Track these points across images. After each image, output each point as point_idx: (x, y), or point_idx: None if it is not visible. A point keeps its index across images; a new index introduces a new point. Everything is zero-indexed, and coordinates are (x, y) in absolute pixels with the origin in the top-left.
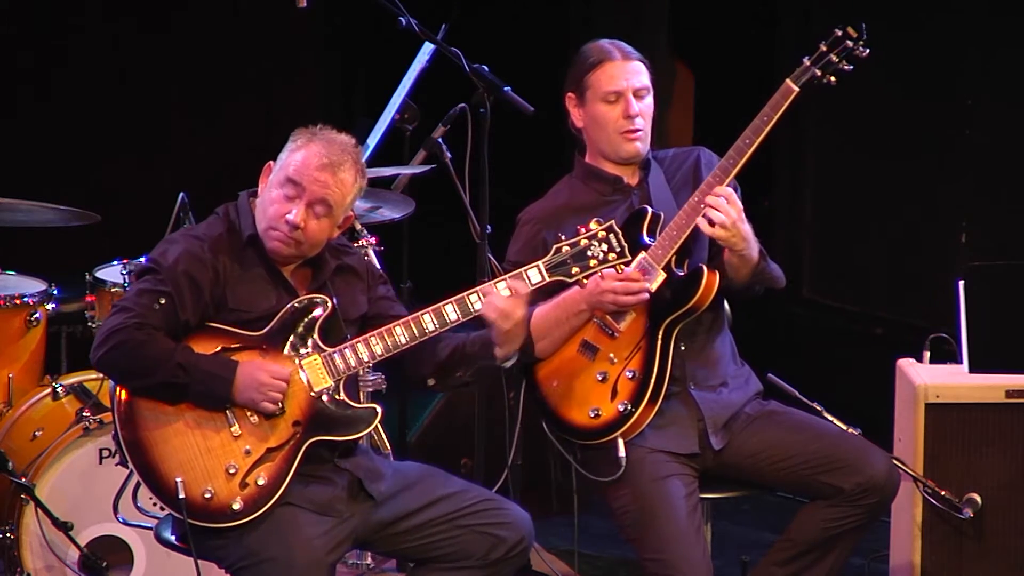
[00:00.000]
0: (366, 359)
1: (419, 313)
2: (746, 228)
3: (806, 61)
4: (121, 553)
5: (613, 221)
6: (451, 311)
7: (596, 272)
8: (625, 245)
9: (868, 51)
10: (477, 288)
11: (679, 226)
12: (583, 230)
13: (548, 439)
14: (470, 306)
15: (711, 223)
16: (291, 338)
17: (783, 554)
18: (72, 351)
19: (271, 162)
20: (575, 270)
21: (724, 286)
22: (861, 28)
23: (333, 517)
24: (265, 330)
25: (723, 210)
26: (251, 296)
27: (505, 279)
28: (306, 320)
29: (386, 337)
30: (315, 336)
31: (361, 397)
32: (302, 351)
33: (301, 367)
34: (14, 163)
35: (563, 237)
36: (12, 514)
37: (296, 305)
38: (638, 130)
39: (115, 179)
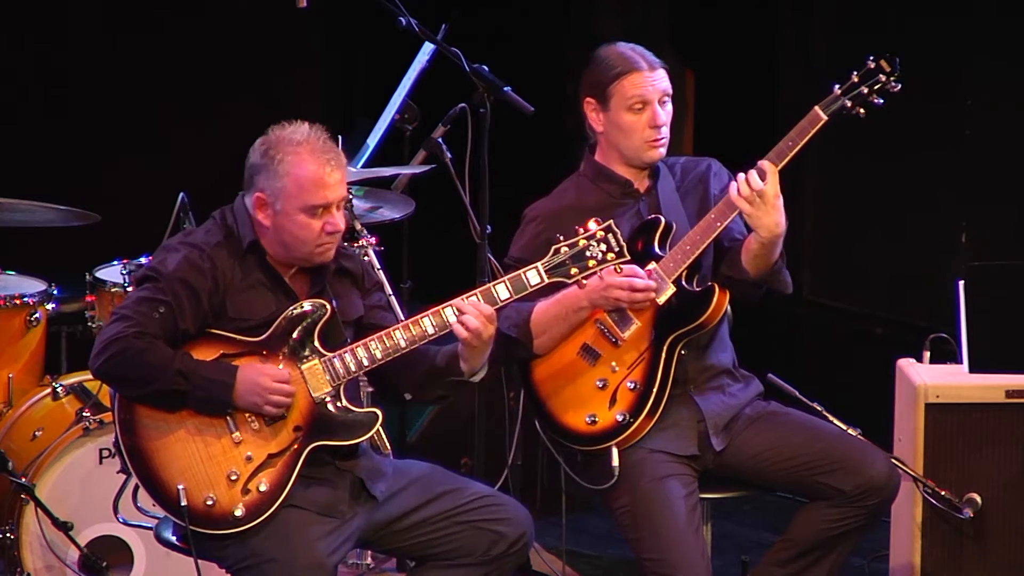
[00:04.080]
0: (366, 363)
1: (418, 316)
2: (778, 217)
3: (836, 90)
4: (121, 553)
5: (612, 221)
6: (450, 314)
7: (594, 272)
8: (624, 245)
9: (900, 86)
10: (454, 302)
11: (693, 242)
12: (581, 230)
13: (541, 439)
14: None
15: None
16: (290, 343)
17: (783, 554)
18: (72, 351)
19: (259, 194)
20: (574, 271)
21: (734, 278)
22: (895, 62)
23: (335, 518)
24: (265, 335)
25: (751, 181)
26: (251, 304)
27: (476, 293)
28: (305, 325)
29: (385, 340)
30: (315, 341)
31: (363, 399)
32: (302, 356)
33: (301, 372)
34: (14, 163)
35: (561, 238)
36: (12, 514)
37: (295, 310)
38: (663, 138)
39: (115, 179)
